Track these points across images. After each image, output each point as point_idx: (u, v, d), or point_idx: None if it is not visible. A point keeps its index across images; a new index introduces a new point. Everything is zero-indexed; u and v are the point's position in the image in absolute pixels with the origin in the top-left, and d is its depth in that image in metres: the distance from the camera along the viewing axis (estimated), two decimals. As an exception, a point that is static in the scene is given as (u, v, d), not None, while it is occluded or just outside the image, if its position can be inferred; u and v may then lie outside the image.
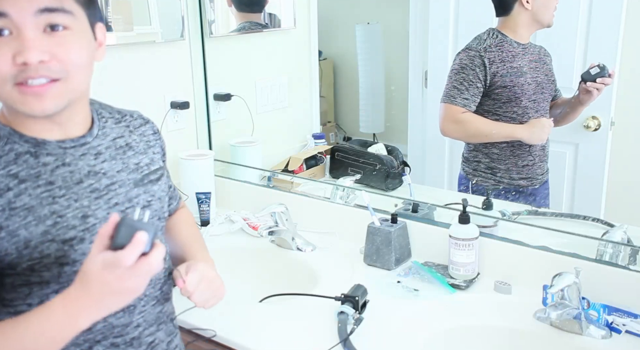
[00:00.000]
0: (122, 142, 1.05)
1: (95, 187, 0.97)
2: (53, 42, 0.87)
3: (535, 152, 1.73)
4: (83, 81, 0.93)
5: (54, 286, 0.93)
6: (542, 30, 1.72)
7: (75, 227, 0.93)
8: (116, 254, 0.78)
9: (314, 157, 2.13)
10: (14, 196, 0.89)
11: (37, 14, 0.85)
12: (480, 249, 1.52)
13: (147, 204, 1.05)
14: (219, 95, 2.16)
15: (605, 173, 1.66)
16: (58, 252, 0.91)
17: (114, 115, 1.09)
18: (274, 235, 1.76)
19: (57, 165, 0.94)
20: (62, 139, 0.96)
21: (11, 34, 0.85)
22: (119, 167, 1.02)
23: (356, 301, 1.33)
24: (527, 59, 1.72)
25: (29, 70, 0.85)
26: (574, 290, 1.27)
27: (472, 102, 1.73)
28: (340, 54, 2.37)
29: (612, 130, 1.65)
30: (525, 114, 1.72)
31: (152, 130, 1.15)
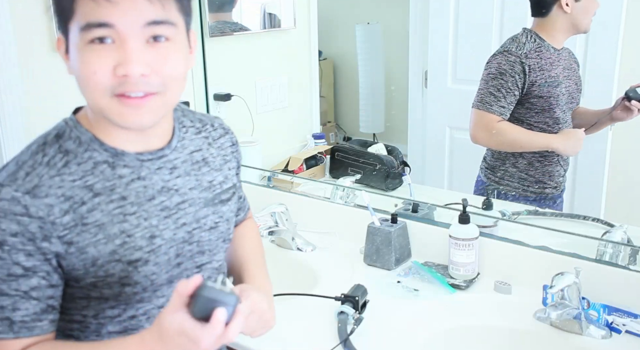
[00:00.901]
0: (199, 157, 1.01)
1: (165, 205, 0.94)
2: (154, 54, 0.84)
3: (562, 160, 1.69)
4: (178, 94, 0.91)
5: (111, 303, 0.93)
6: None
7: (141, 248, 0.91)
8: (195, 329, 0.77)
9: (314, 157, 2.13)
10: (87, 211, 0.87)
11: (144, 26, 0.82)
12: (480, 249, 1.52)
13: (214, 226, 1.01)
14: (219, 95, 2.16)
15: (605, 173, 1.66)
16: (122, 273, 0.90)
17: (195, 124, 1.05)
18: (274, 235, 1.76)
19: (132, 179, 0.91)
20: (140, 151, 0.93)
21: (114, 42, 0.82)
22: (192, 184, 0.98)
23: (356, 301, 1.33)
24: (562, 66, 1.65)
25: (128, 83, 0.82)
26: (574, 290, 1.27)
27: (508, 110, 1.65)
28: (340, 54, 2.37)
29: (612, 130, 1.65)
30: (556, 125, 1.66)
31: (231, 141, 1.10)
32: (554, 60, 1.64)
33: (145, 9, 0.82)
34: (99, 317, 0.94)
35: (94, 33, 0.82)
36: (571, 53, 1.68)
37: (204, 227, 0.99)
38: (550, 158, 1.68)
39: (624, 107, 1.56)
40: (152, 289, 0.94)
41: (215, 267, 1.04)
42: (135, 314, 0.95)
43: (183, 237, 0.96)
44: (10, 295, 0.85)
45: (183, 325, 0.77)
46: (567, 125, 1.68)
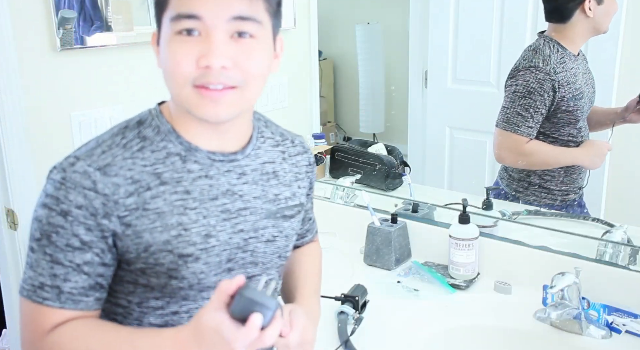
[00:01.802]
0: (270, 169, 1.01)
1: (227, 208, 0.94)
2: (238, 49, 0.86)
3: (585, 170, 1.67)
4: (257, 92, 0.92)
5: (156, 293, 0.94)
6: (541, 28, 1.72)
7: (195, 244, 0.91)
8: (230, 329, 0.77)
9: (314, 157, 2.13)
10: (150, 197, 0.89)
11: (230, 20, 0.85)
12: (480, 249, 1.52)
13: (272, 239, 1.00)
14: (219, 95, 2.16)
15: (605, 173, 1.66)
16: (171, 265, 0.91)
17: (275, 136, 1.05)
18: (274, 235, 1.76)
19: (199, 175, 0.93)
20: (214, 151, 0.94)
21: (200, 35, 0.85)
22: (257, 193, 0.98)
23: (356, 301, 1.33)
24: (581, 72, 1.60)
25: (209, 74, 0.84)
26: (574, 290, 1.27)
27: (535, 130, 1.60)
28: (340, 54, 2.37)
29: (612, 130, 1.65)
30: (579, 135, 1.62)
31: (308, 161, 1.10)
32: (576, 70, 1.59)
33: (233, 4, 0.85)
34: (143, 306, 0.95)
35: (183, 24, 0.85)
36: (583, 56, 1.65)
37: (261, 238, 0.99)
38: (575, 169, 1.65)
39: (637, 110, 1.53)
40: (198, 289, 0.95)
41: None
42: (178, 310, 0.95)
43: (238, 243, 0.96)
44: (64, 265, 0.87)
45: (220, 323, 0.77)
46: (587, 132, 1.65)
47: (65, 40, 1.68)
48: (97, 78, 1.74)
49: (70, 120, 1.68)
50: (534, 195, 1.68)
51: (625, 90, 1.59)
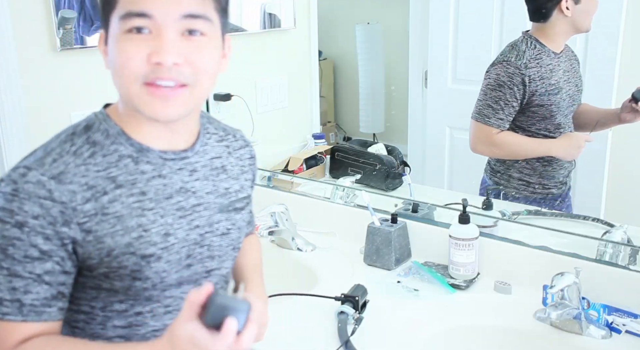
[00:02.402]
0: (219, 164, 1.03)
1: (182, 206, 0.96)
2: (189, 46, 0.87)
3: (566, 163, 1.69)
4: (207, 90, 0.93)
5: (120, 296, 0.94)
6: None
7: (156, 243, 0.93)
8: (206, 338, 0.77)
9: (314, 157, 2.13)
10: (108, 201, 0.89)
11: (181, 18, 0.86)
12: (480, 249, 1.52)
13: (226, 232, 1.02)
14: (219, 95, 2.16)
15: (605, 173, 1.66)
16: (135, 266, 0.91)
17: (219, 132, 1.08)
18: (274, 235, 1.76)
19: (153, 176, 0.93)
20: (164, 150, 0.95)
21: (150, 33, 0.85)
22: (209, 188, 1.00)
23: (356, 301, 1.33)
24: (562, 70, 1.64)
25: (160, 70, 0.85)
26: (574, 290, 1.27)
27: (506, 121, 1.66)
28: (340, 54, 2.37)
29: (612, 130, 1.65)
30: (557, 130, 1.66)
31: (250, 154, 1.13)
32: (554, 66, 1.63)
33: (184, 2, 0.86)
34: (107, 310, 0.95)
35: (133, 22, 0.85)
36: (571, 52, 1.68)
37: (216, 232, 1.01)
38: (553, 163, 1.68)
39: (631, 109, 1.55)
40: (161, 288, 0.96)
41: (222, 274, 1.05)
42: (141, 311, 0.96)
43: (195, 238, 0.97)
44: (23, 277, 0.85)
45: (194, 334, 0.77)
46: (569, 128, 1.68)
47: (65, 40, 1.68)
48: (97, 78, 1.74)
49: (70, 120, 1.68)
50: (515, 188, 1.72)
51: (625, 90, 1.59)
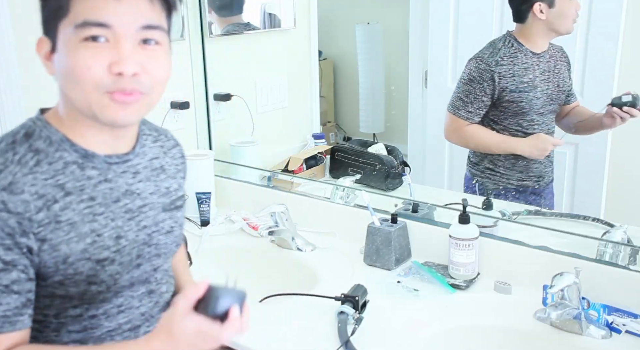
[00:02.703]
0: (157, 164, 1.05)
1: (129, 208, 0.98)
2: (145, 55, 0.89)
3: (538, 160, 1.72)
4: (160, 97, 0.95)
5: (75, 302, 0.95)
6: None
7: (109, 247, 0.94)
8: (214, 327, 0.84)
9: (314, 157, 2.13)
10: (59, 209, 0.89)
11: (139, 29, 0.87)
12: (480, 249, 1.52)
13: (170, 230, 1.05)
14: (219, 95, 2.16)
15: (605, 173, 1.66)
16: (90, 271, 0.92)
17: (152, 132, 1.09)
18: (274, 235, 1.76)
19: (99, 181, 0.94)
20: (109, 154, 0.96)
21: (107, 41, 0.86)
22: (152, 189, 1.02)
23: (356, 301, 1.33)
24: (540, 69, 1.68)
25: (122, 81, 0.87)
26: (574, 290, 1.27)
27: (475, 114, 1.72)
28: (340, 54, 2.37)
29: (612, 130, 1.65)
30: (531, 127, 1.69)
31: (180, 153, 1.14)
32: (530, 65, 1.67)
33: (143, 14, 0.88)
34: (60, 316, 0.95)
35: (91, 31, 0.85)
36: (559, 54, 1.69)
37: (162, 230, 1.03)
38: (525, 158, 1.72)
39: (609, 114, 1.58)
40: (115, 290, 0.97)
41: (165, 269, 1.09)
42: (96, 313, 0.97)
43: (144, 239, 1.00)
44: None
45: (201, 326, 0.84)
46: (545, 126, 1.70)
47: (65, 40, 1.67)
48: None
49: (70, 120, 1.68)
50: (488, 178, 1.77)
51: (625, 90, 1.59)
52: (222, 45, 2.18)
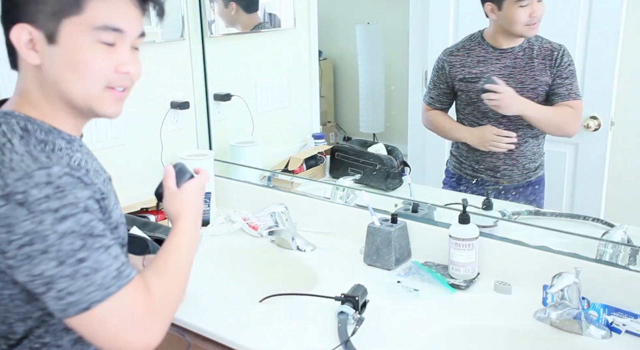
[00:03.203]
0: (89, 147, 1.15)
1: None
2: (134, 58, 1.01)
3: (495, 154, 1.77)
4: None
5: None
6: (541, 29, 1.72)
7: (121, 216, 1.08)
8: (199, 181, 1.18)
9: (314, 157, 2.13)
10: (102, 182, 1.02)
11: (137, 37, 1.00)
12: (480, 249, 1.52)
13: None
14: (219, 95, 2.16)
15: (605, 173, 1.66)
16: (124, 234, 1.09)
17: None
18: (274, 235, 1.76)
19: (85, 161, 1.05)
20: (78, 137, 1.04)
21: (113, 45, 0.96)
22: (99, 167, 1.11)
23: (356, 301, 1.33)
24: (502, 64, 1.73)
25: (125, 79, 0.99)
26: (574, 290, 1.27)
27: (436, 101, 1.85)
28: (340, 54, 2.37)
29: (612, 130, 1.65)
30: (484, 118, 1.75)
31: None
32: (487, 59, 1.75)
33: (140, 23, 1.01)
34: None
35: (109, 35, 0.95)
36: (542, 51, 1.70)
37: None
38: (480, 150, 1.79)
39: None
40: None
41: None
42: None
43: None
44: (112, 245, 0.91)
45: (191, 187, 1.15)
46: (504, 120, 1.73)
47: (65, 40, 1.67)
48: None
49: (70, 120, 1.68)
50: (453, 165, 1.88)
51: (625, 90, 1.60)
52: (222, 45, 2.18)
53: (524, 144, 1.75)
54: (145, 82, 1.96)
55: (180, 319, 1.40)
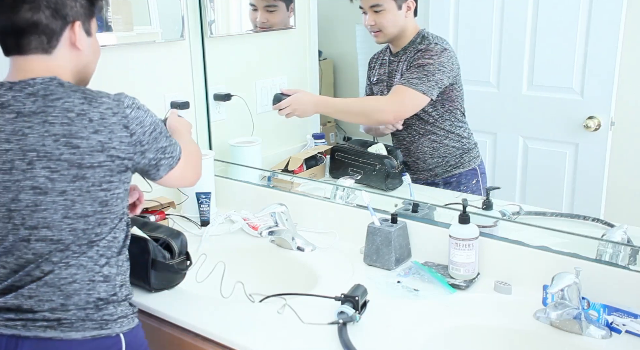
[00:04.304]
0: None
1: None
2: None
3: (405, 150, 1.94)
4: None
5: None
6: (541, 29, 1.72)
7: None
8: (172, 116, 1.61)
9: (314, 157, 2.13)
10: None
11: None
12: (480, 249, 1.52)
13: None
14: (219, 95, 2.16)
15: (605, 173, 1.66)
16: None
17: None
18: (274, 235, 1.76)
19: None
20: None
21: None
22: None
23: (356, 301, 1.33)
24: (389, 68, 1.94)
25: None
26: (574, 290, 1.27)
27: (369, 89, 2.07)
28: (340, 54, 2.37)
29: (612, 130, 1.65)
30: None
31: None
32: (384, 63, 1.96)
33: None
34: None
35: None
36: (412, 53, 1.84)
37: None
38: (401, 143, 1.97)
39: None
40: None
41: None
42: None
43: None
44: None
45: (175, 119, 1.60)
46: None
47: (65, 40, 1.67)
48: (97, 77, 1.74)
49: (70, 120, 1.68)
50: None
51: (625, 90, 1.60)
52: (222, 45, 2.18)
53: (419, 141, 1.88)
54: (145, 82, 1.97)
55: (181, 319, 1.40)
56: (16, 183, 1.15)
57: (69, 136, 1.14)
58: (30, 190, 1.14)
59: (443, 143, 1.87)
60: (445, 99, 1.82)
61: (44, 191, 1.14)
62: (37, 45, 1.19)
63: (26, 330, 1.16)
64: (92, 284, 1.20)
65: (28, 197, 1.15)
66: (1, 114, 1.16)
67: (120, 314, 1.24)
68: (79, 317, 1.18)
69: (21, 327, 1.17)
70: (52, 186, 1.14)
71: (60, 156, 1.14)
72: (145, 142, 1.23)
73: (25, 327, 1.17)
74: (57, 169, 1.14)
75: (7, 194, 1.15)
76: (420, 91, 1.78)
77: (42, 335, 1.16)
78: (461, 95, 1.85)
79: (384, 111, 1.86)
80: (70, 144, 1.14)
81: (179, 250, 1.51)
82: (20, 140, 1.14)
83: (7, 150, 1.14)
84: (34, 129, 1.14)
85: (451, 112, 1.84)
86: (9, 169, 1.14)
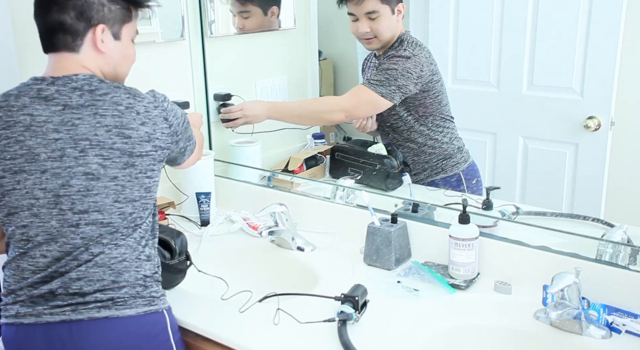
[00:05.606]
0: None
1: None
2: None
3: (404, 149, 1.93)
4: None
5: None
6: (541, 29, 1.72)
7: None
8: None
9: (314, 157, 2.13)
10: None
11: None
12: (480, 249, 1.52)
13: None
14: (219, 96, 2.16)
15: (605, 173, 1.66)
16: None
17: None
18: (274, 235, 1.76)
19: None
20: None
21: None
22: None
23: (356, 301, 1.33)
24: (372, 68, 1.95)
25: None
26: (574, 290, 1.27)
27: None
28: (340, 54, 2.37)
29: (612, 130, 1.65)
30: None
31: None
32: (371, 65, 1.97)
33: None
34: None
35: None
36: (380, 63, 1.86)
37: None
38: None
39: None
40: None
41: None
42: None
43: None
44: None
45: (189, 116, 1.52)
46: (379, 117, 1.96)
47: (65, 40, 1.67)
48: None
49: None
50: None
51: (625, 90, 1.60)
52: (222, 45, 2.18)
53: (404, 145, 1.90)
54: (145, 82, 1.96)
55: (181, 319, 1.40)
56: (67, 169, 1.21)
57: (121, 127, 1.23)
58: (83, 175, 1.21)
59: (422, 149, 1.88)
60: (418, 105, 1.83)
61: (97, 177, 1.22)
62: (64, 43, 1.27)
63: (77, 313, 1.22)
64: (139, 262, 1.28)
65: (80, 182, 1.21)
66: (46, 106, 1.23)
67: (162, 292, 1.33)
68: (131, 294, 1.26)
69: (70, 311, 1.22)
70: (104, 172, 1.22)
71: (112, 145, 1.22)
72: (179, 133, 1.34)
73: (75, 311, 1.22)
74: (110, 157, 1.22)
75: (56, 180, 1.21)
76: (379, 93, 1.79)
77: (96, 315, 1.22)
78: (439, 101, 1.84)
79: (334, 111, 1.89)
80: (123, 134, 1.23)
81: (179, 250, 1.52)
82: (71, 130, 1.21)
83: (57, 139, 1.21)
84: (85, 120, 1.22)
85: (426, 118, 1.85)
86: (59, 157, 1.21)
